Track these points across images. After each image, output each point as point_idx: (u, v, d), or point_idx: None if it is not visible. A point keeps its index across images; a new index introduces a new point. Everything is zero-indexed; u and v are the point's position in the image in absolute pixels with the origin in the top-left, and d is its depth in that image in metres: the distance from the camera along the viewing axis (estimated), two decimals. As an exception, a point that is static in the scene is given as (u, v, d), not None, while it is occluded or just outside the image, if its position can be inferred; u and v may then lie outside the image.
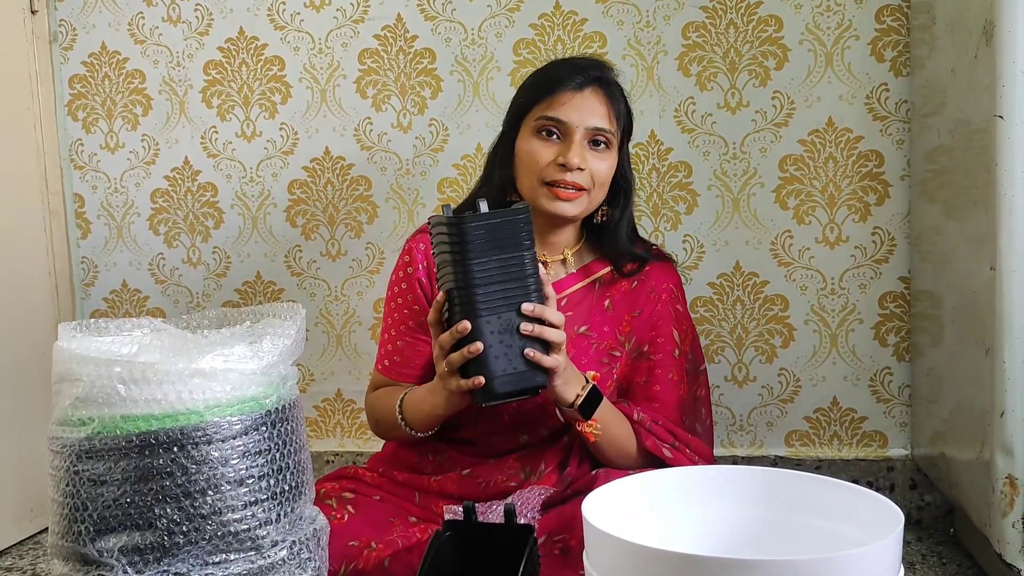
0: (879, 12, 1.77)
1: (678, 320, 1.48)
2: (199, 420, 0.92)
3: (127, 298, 2.16)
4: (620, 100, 1.44)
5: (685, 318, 1.51)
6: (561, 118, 1.38)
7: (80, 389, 0.93)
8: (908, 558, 1.66)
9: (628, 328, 1.46)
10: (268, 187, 2.06)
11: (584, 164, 1.37)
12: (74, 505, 0.93)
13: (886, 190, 1.81)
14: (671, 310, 1.48)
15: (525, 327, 1.22)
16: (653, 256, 1.51)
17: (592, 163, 1.38)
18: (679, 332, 1.47)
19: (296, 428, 1.02)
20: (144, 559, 0.91)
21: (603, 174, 1.40)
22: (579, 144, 1.37)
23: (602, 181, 1.40)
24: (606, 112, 1.39)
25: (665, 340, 1.46)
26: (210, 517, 0.92)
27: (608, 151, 1.40)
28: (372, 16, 1.97)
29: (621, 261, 1.47)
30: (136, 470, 0.91)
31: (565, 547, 1.28)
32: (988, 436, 1.38)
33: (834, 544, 1.02)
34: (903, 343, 1.83)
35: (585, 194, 1.39)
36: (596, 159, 1.39)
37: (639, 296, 1.47)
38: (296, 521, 1.00)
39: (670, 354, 1.46)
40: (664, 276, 1.49)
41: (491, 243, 1.21)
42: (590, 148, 1.39)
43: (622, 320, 1.47)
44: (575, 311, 1.46)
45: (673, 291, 1.49)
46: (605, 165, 1.40)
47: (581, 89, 1.39)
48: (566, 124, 1.38)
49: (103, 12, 2.09)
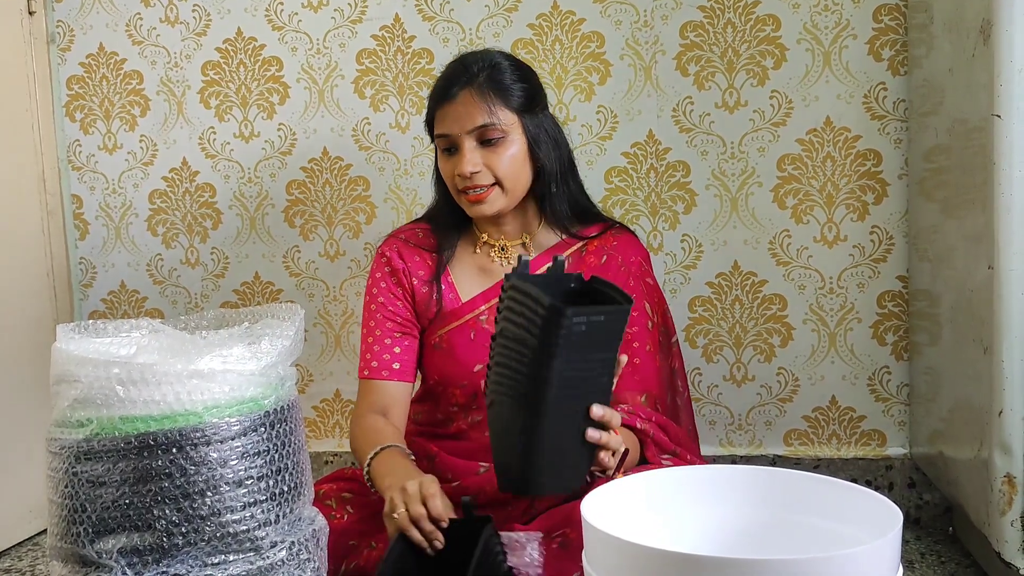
0: (877, 11, 1.77)
1: (649, 292, 1.49)
2: (198, 421, 0.92)
3: (125, 299, 2.16)
4: (503, 85, 1.42)
5: (655, 290, 1.52)
6: (445, 132, 1.43)
7: (79, 390, 0.93)
8: (907, 557, 1.66)
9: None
10: (266, 187, 2.06)
11: (478, 166, 1.40)
12: (73, 506, 0.92)
13: (884, 189, 1.81)
14: (642, 283, 1.49)
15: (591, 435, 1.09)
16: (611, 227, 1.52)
17: (488, 160, 1.41)
18: (650, 304, 1.48)
19: (295, 429, 1.02)
20: (143, 560, 0.91)
21: (504, 165, 1.41)
22: (469, 150, 1.40)
23: (506, 172, 1.41)
24: (484, 108, 1.39)
25: (639, 313, 1.47)
26: (209, 518, 0.92)
27: (503, 142, 1.41)
28: (370, 16, 1.97)
29: (569, 227, 1.49)
30: (135, 471, 0.91)
31: (565, 540, 1.28)
32: (986, 435, 1.38)
33: (833, 543, 1.02)
34: (901, 342, 1.83)
35: (496, 189, 1.42)
36: (491, 154, 1.41)
37: (609, 270, 1.47)
38: (295, 522, 1.00)
39: (644, 326, 1.46)
40: (632, 250, 1.50)
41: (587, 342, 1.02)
42: (483, 147, 1.41)
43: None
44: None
45: (642, 264, 1.50)
46: (503, 157, 1.41)
47: (454, 99, 1.41)
48: (451, 137, 1.42)
49: (101, 13, 2.08)
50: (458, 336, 1.49)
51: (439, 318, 1.51)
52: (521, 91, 1.44)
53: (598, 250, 1.49)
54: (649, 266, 1.53)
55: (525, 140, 1.43)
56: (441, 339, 1.50)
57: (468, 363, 1.48)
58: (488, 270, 1.52)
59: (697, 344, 1.91)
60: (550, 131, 1.47)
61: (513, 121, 1.42)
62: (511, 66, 1.46)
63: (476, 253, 1.53)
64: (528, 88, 1.45)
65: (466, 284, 1.52)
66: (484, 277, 1.52)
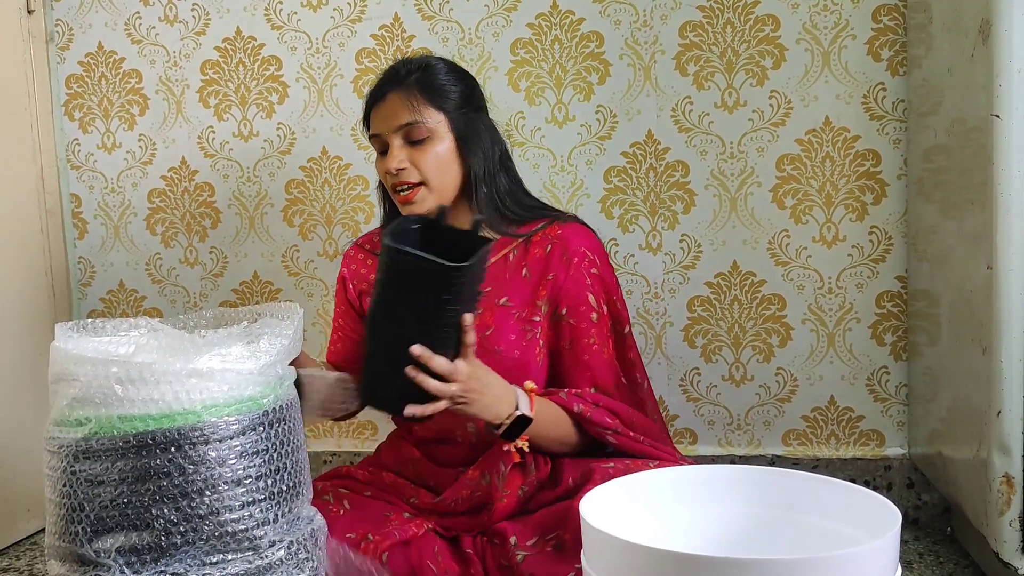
0: (876, 11, 1.77)
1: (594, 283, 1.46)
2: (196, 420, 0.92)
3: (124, 298, 2.16)
4: (431, 86, 1.44)
5: (602, 280, 1.48)
6: (375, 132, 1.46)
7: (77, 389, 0.93)
8: (905, 557, 1.67)
9: (544, 292, 1.45)
10: (265, 187, 2.05)
11: (404, 163, 1.42)
12: (71, 505, 0.92)
13: (883, 189, 1.81)
14: (585, 274, 1.45)
15: (408, 370, 1.20)
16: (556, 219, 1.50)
17: (414, 158, 1.42)
18: (595, 295, 1.45)
19: (293, 428, 1.02)
20: (141, 559, 0.91)
21: (429, 163, 1.42)
22: (396, 148, 1.42)
23: (432, 170, 1.42)
24: (409, 106, 1.41)
25: (583, 305, 1.45)
26: (207, 517, 0.92)
27: (429, 140, 1.42)
28: (369, 16, 1.96)
29: (499, 227, 1.47)
30: (133, 470, 0.91)
31: (559, 543, 1.29)
32: (985, 435, 1.38)
33: (832, 543, 1.02)
34: (900, 342, 1.83)
35: (423, 188, 1.43)
36: (417, 153, 1.42)
37: (552, 260, 1.45)
38: (294, 521, 1.00)
39: (588, 318, 1.45)
40: (578, 239, 1.47)
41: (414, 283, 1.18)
42: (410, 146, 1.43)
43: (539, 285, 1.46)
44: (494, 285, 1.47)
45: (587, 254, 1.47)
46: (428, 155, 1.42)
47: (384, 98, 1.44)
48: (380, 137, 1.45)
49: (100, 12, 2.08)
50: None
51: None
52: (451, 91, 1.45)
53: (542, 240, 1.48)
54: (598, 255, 1.49)
55: (453, 139, 1.44)
56: None
57: None
58: None
59: (696, 344, 1.91)
60: (481, 132, 1.47)
61: (440, 120, 1.43)
62: (444, 66, 1.47)
63: None
64: (460, 89, 1.46)
65: None
66: None
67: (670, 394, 1.93)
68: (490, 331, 1.44)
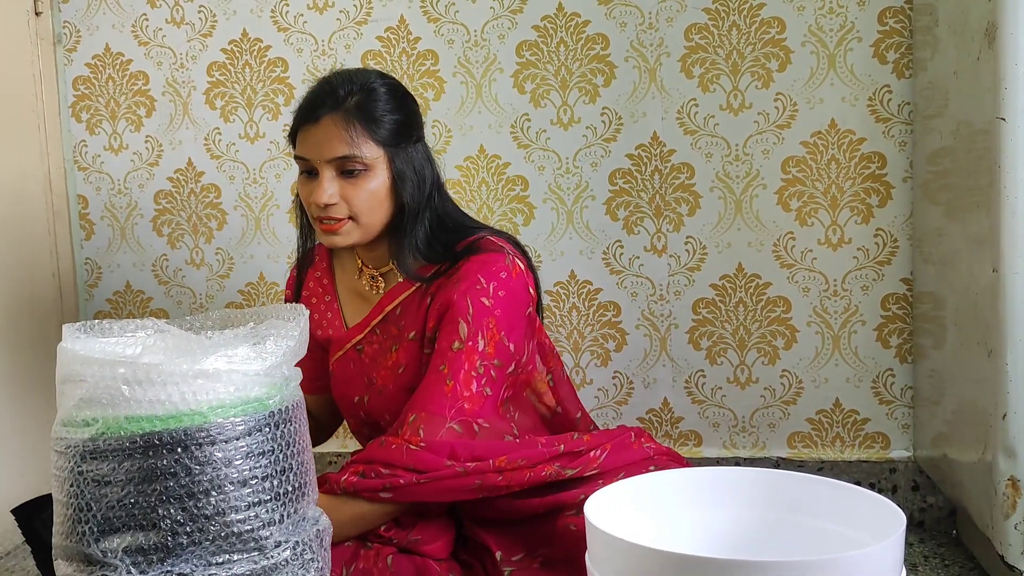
0: (882, 14, 1.77)
1: (476, 309, 1.32)
2: (203, 421, 0.92)
3: (130, 299, 2.16)
4: (372, 116, 1.33)
5: (490, 312, 1.33)
6: (304, 156, 1.35)
7: (84, 390, 0.93)
8: (910, 560, 1.66)
9: (433, 321, 1.36)
10: (271, 188, 2.06)
11: (335, 199, 1.32)
12: (78, 506, 0.93)
13: (888, 192, 1.81)
14: (467, 300, 1.32)
15: None
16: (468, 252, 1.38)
17: (346, 192, 1.33)
18: (468, 324, 1.31)
19: (299, 429, 1.02)
20: (148, 560, 0.91)
21: (362, 200, 1.33)
22: (327, 180, 1.32)
23: (363, 207, 1.34)
24: (347, 138, 1.31)
25: (449, 329, 1.32)
26: (214, 518, 0.92)
27: (365, 175, 1.33)
28: (375, 18, 1.97)
29: (408, 269, 1.38)
30: (140, 471, 0.91)
31: (547, 560, 1.28)
32: (990, 438, 1.38)
33: (836, 545, 1.02)
34: (905, 345, 1.83)
35: (351, 222, 1.35)
36: (351, 187, 1.33)
37: (445, 288, 1.36)
38: (299, 522, 1.00)
39: (448, 344, 1.32)
40: (478, 266, 1.35)
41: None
42: (342, 177, 1.33)
43: (431, 315, 1.37)
44: (406, 319, 1.40)
45: (480, 281, 1.33)
46: (362, 191, 1.33)
47: (317, 122, 1.33)
48: (310, 161, 1.34)
49: (107, 14, 2.09)
50: (342, 365, 1.48)
51: (331, 345, 1.49)
52: (392, 123, 1.35)
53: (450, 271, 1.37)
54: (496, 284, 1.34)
55: (389, 176, 1.35)
56: (333, 368, 1.49)
57: (350, 393, 1.46)
58: (365, 297, 1.47)
59: (701, 346, 1.91)
60: (417, 166, 1.38)
61: (378, 155, 1.33)
62: (387, 93, 1.36)
63: (357, 278, 1.49)
64: (400, 119, 1.36)
65: (350, 311, 1.49)
66: (363, 304, 1.47)
67: (675, 396, 1.93)
68: (402, 369, 1.39)
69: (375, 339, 1.44)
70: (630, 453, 1.36)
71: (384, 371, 1.41)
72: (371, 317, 1.44)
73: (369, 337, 1.44)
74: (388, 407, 1.40)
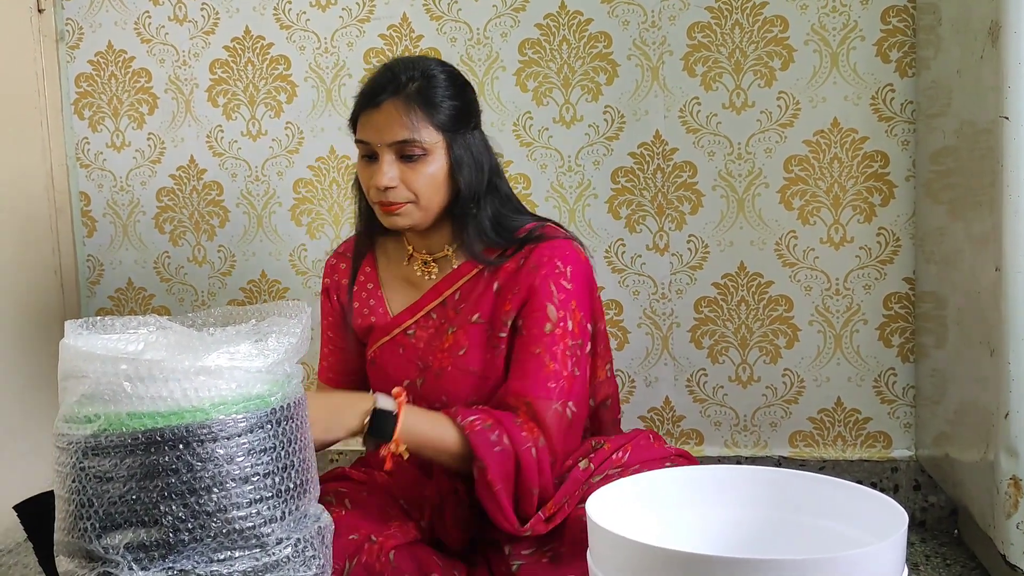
0: (885, 13, 1.77)
1: (561, 296, 1.37)
2: (204, 418, 0.92)
3: (132, 296, 2.16)
4: (431, 101, 1.36)
5: (572, 294, 1.38)
6: (365, 139, 1.38)
7: (86, 386, 0.93)
8: (912, 559, 1.66)
9: (510, 306, 1.39)
10: (273, 186, 2.06)
11: (395, 181, 1.35)
12: (80, 501, 0.93)
13: (891, 191, 1.81)
14: (549, 284, 1.37)
15: None
16: (534, 239, 1.42)
17: (406, 176, 1.36)
18: (556, 307, 1.36)
19: (301, 426, 1.02)
20: (149, 556, 0.91)
21: (422, 184, 1.36)
22: (388, 163, 1.35)
23: (423, 190, 1.36)
24: (408, 123, 1.34)
25: (538, 315, 1.37)
26: (215, 514, 0.92)
27: (424, 159, 1.35)
28: (378, 16, 1.97)
29: (474, 251, 1.41)
30: (142, 467, 0.91)
31: (555, 554, 1.28)
32: (992, 437, 1.37)
33: (838, 544, 1.02)
34: (907, 344, 1.83)
35: (412, 205, 1.37)
36: (409, 171, 1.36)
37: (522, 274, 1.39)
38: (301, 519, 1.00)
39: (540, 328, 1.36)
40: (551, 252, 1.39)
41: None
42: (402, 162, 1.36)
43: (507, 300, 1.40)
44: (467, 302, 1.43)
45: (558, 265, 1.38)
46: (421, 175, 1.36)
47: (379, 106, 1.36)
48: (371, 145, 1.37)
49: (110, 11, 2.09)
50: (388, 351, 1.48)
51: (372, 333, 1.50)
52: (451, 108, 1.37)
53: (516, 257, 1.41)
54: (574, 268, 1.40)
55: (447, 161, 1.38)
56: (374, 355, 1.50)
57: (396, 378, 1.46)
58: (415, 283, 1.48)
59: (703, 345, 1.91)
60: (475, 152, 1.40)
61: (437, 140, 1.36)
62: (446, 79, 1.39)
63: (405, 265, 1.50)
64: (459, 105, 1.39)
65: (395, 298, 1.50)
66: (412, 290, 1.48)
67: (677, 395, 1.93)
68: (463, 351, 1.41)
69: (430, 323, 1.45)
70: (650, 451, 1.41)
71: (441, 353, 1.43)
72: (425, 301, 1.46)
73: (423, 321, 1.46)
74: (446, 388, 1.41)
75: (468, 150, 1.40)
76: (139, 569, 0.91)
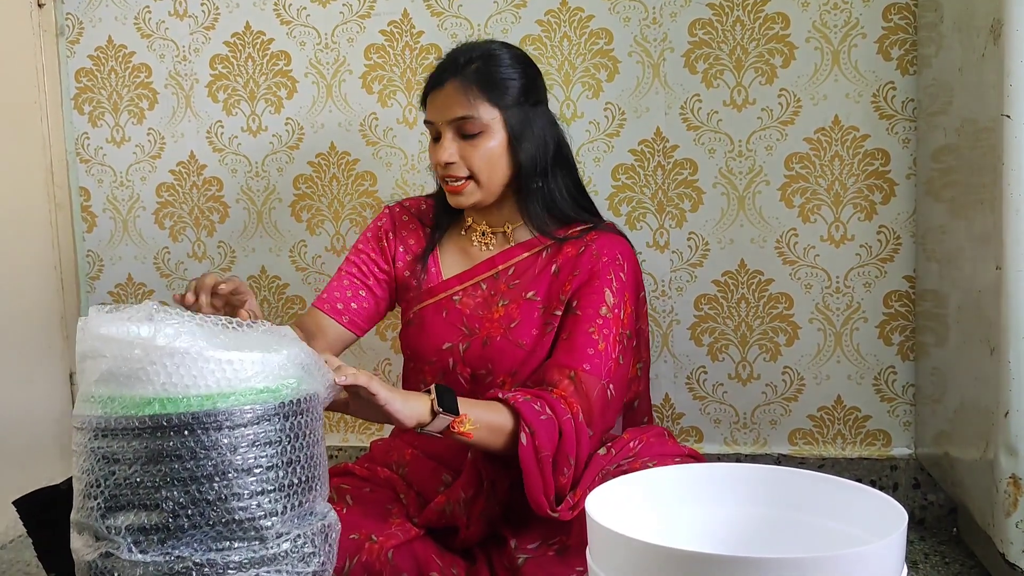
0: (886, 10, 1.77)
1: (618, 284, 1.42)
2: (212, 406, 0.93)
3: (132, 292, 2.16)
4: (490, 79, 1.42)
5: (627, 287, 1.44)
6: (430, 119, 1.46)
7: (104, 366, 0.94)
8: (911, 557, 1.66)
9: (569, 287, 1.43)
10: (273, 182, 2.06)
11: (454, 157, 1.42)
12: (89, 481, 0.94)
13: (892, 189, 1.81)
14: (609, 271, 1.43)
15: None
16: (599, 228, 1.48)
17: (465, 152, 1.42)
18: (613, 294, 1.41)
19: (311, 422, 1.01)
20: (148, 539, 0.92)
21: (480, 159, 1.41)
22: (448, 140, 1.42)
23: (482, 165, 1.42)
24: (464, 100, 1.40)
25: (595, 296, 1.41)
26: (215, 503, 0.92)
27: (482, 136, 1.41)
28: (378, 11, 1.97)
29: (540, 226, 1.46)
30: (147, 451, 0.92)
31: (561, 547, 1.28)
32: (992, 435, 1.38)
33: (837, 543, 1.02)
34: (908, 342, 1.83)
35: (472, 182, 1.43)
36: (469, 148, 1.42)
37: (583, 259, 1.44)
38: (304, 515, 1.00)
39: (596, 309, 1.40)
40: (612, 244, 1.46)
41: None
42: (461, 139, 1.42)
43: (565, 281, 1.44)
44: (522, 278, 1.47)
45: (618, 257, 1.44)
46: (479, 151, 1.41)
47: (442, 86, 1.43)
48: (434, 124, 1.45)
49: (110, 6, 2.09)
50: (431, 313, 1.51)
51: (417, 294, 1.53)
52: (510, 86, 1.42)
53: (577, 242, 1.47)
54: (629, 264, 1.46)
55: (505, 136, 1.42)
56: (415, 315, 1.52)
57: (438, 340, 1.48)
58: (468, 253, 1.53)
59: (703, 342, 1.91)
60: (537, 129, 1.45)
61: (495, 116, 1.41)
62: (510, 58, 1.45)
63: (462, 235, 1.55)
64: (520, 83, 1.44)
65: (448, 264, 1.54)
66: (464, 259, 1.53)
67: (676, 392, 1.93)
68: (515, 323, 1.44)
69: (478, 292, 1.49)
70: (663, 447, 1.44)
71: (490, 323, 1.46)
72: (477, 272, 1.50)
73: (471, 290, 1.50)
74: (492, 357, 1.44)
75: (529, 126, 1.44)
76: (138, 552, 0.92)
